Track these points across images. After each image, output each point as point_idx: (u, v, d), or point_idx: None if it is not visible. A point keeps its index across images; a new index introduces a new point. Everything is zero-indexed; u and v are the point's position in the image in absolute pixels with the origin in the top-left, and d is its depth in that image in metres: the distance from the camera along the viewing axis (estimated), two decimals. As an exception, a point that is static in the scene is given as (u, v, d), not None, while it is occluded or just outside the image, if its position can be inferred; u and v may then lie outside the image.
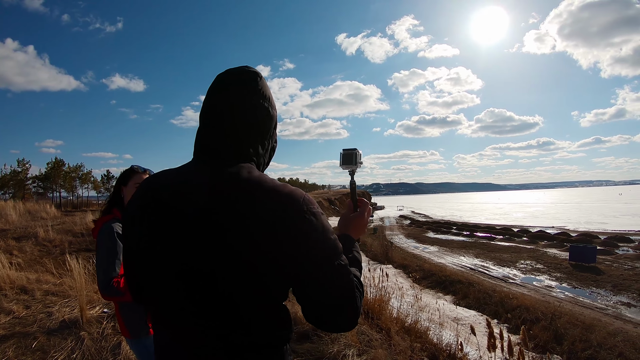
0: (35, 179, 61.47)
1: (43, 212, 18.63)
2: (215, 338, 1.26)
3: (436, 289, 23.14)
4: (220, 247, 1.21)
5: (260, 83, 1.47)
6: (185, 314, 1.26)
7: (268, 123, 1.48)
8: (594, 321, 15.95)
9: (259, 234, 1.20)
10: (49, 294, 6.21)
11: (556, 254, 32.84)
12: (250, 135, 1.43)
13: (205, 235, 1.22)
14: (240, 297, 1.23)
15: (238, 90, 1.43)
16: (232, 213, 1.22)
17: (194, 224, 1.24)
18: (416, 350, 6.87)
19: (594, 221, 66.87)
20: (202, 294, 1.23)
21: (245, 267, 1.21)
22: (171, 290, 1.27)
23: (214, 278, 1.22)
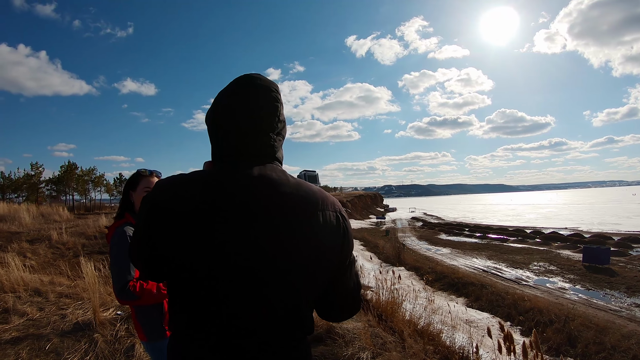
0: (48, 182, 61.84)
1: (56, 215, 18.78)
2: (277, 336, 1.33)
3: (449, 291, 23.06)
4: (286, 247, 1.29)
5: (275, 86, 1.53)
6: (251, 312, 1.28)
7: (285, 130, 1.57)
8: (607, 323, 15.81)
9: (320, 233, 1.35)
10: (62, 296, 6.24)
11: (569, 256, 32.61)
12: (278, 140, 1.52)
13: (269, 237, 1.28)
14: (302, 296, 1.34)
15: (275, 96, 1.51)
16: (292, 216, 1.32)
17: (262, 223, 1.28)
18: (429, 353, 6.83)
19: (608, 222, 66.39)
20: (267, 293, 1.28)
21: (309, 266, 1.33)
22: (238, 289, 1.27)
23: (281, 277, 1.29)
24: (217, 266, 1.25)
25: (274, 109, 1.49)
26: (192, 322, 1.31)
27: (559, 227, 56.99)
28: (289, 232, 1.28)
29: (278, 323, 1.30)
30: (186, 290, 1.31)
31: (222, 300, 1.27)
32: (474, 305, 20.03)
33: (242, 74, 1.51)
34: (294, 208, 1.32)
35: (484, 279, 25.05)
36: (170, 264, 1.31)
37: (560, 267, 28.64)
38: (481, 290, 21.63)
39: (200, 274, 1.27)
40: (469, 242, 46.88)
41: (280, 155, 1.52)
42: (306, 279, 1.33)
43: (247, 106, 1.45)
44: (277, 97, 1.51)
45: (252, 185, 1.32)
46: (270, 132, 1.47)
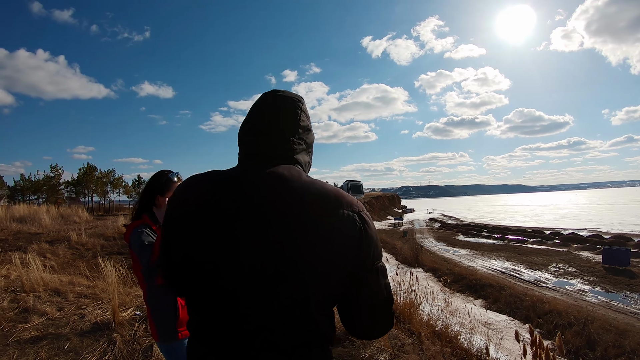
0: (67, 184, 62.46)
1: (75, 217, 18.99)
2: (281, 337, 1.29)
3: (466, 292, 22.92)
4: (292, 244, 1.25)
5: (301, 99, 1.61)
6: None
7: (311, 137, 1.61)
8: (627, 326, 15.60)
9: (328, 234, 1.28)
10: (81, 296, 6.30)
11: (589, 257, 32.25)
12: (298, 144, 1.52)
13: (280, 235, 1.26)
14: (308, 298, 1.27)
15: (286, 101, 1.56)
16: (303, 213, 1.29)
17: (269, 221, 1.28)
18: (447, 355, 6.79)
19: (628, 223, 65.58)
20: (273, 293, 1.25)
21: (316, 265, 1.27)
22: (242, 287, 1.26)
23: (284, 276, 1.25)
24: (223, 264, 1.27)
25: (292, 113, 1.52)
26: (203, 323, 1.34)
27: (578, 228, 56.39)
28: (294, 230, 1.26)
29: (287, 325, 1.28)
30: (194, 290, 1.34)
31: (227, 299, 1.27)
32: (492, 307, 19.87)
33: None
34: (303, 204, 1.29)
35: (502, 280, 24.86)
36: (183, 267, 1.35)
37: (579, 268, 28.34)
38: (499, 292, 21.46)
39: (208, 273, 1.28)
40: (487, 243, 46.54)
41: (303, 160, 1.53)
42: (309, 279, 1.26)
43: (265, 108, 1.52)
44: (297, 104, 1.56)
45: (261, 181, 1.34)
46: (289, 135, 1.49)
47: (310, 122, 1.62)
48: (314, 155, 1.67)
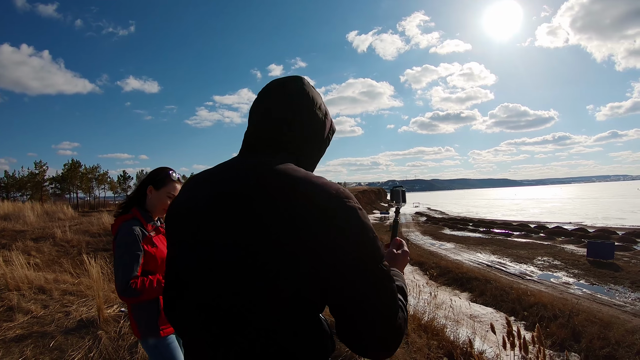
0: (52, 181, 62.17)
1: (60, 213, 18.82)
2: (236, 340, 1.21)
3: (453, 286, 23.04)
4: (246, 232, 1.18)
5: (308, 85, 1.53)
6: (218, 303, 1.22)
7: (314, 126, 1.50)
8: (612, 318, 15.79)
9: (291, 226, 1.14)
10: (66, 293, 6.27)
11: (573, 250, 32.62)
12: (290, 133, 1.45)
13: (240, 221, 1.20)
14: (258, 301, 1.16)
15: (279, 94, 1.48)
16: (268, 201, 1.19)
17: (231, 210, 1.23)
18: (433, 348, 6.85)
19: (612, 216, 66.33)
20: (226, 289, 1.19)
21: (264, 258, 1.15)
22: (208, 280, 1.22)
23: (235, 280, 1.18)
24: (182, 261, 1.31)
25: (282, 99, 1.46)
26: (169, 319, 1.38)
27: (563, 222, 57.03)
28: (247, 220, 1.19)
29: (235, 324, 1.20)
30: (167, 287, 1.38)
31: (184, 294, 1.29)
32: (478, 300, 20.01)
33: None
34: (265, 194, 1.21)
35: (488, 273, 25.09)
36: (167, 264, 1.39)
37: (564, 261, 28.62)
38: (485, 285, 21.61)
39: (178, 270, 1.32)
40: (472, 237, 46.91)
41: (299, 150, 1.46)
42: (257, 277, 1.15)
43: (260, 96, 1.51)
44: (290, 87, 1.49)
45: (235, 174, 1.31)
46: (279, 123, 1.43)
47: (318, 107, 1.52)
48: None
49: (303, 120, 1.46)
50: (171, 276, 1.36)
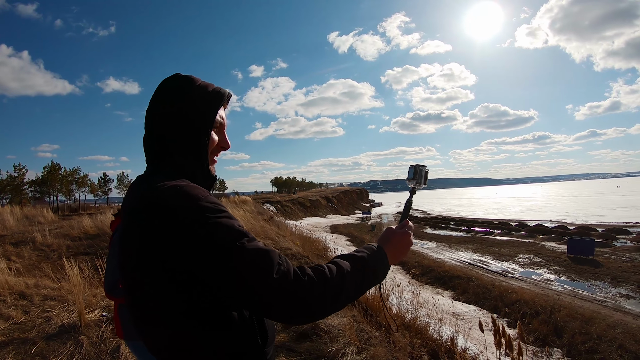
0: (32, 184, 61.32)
1: (40, 217, 18.66)
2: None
3: (435, 284, 23.14)
4: (123, 254, 1.40)
5: (168, 88, 1.51)
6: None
7: (180, 129, 1.47)
8: (593, 314, 16.00)
9: (147, 242, 1.28)
10: (47, 298, 6.21)
11: (554, 248, 32.99)
12: (159, 145, 1.50)
13: (122, 243, 1.40)
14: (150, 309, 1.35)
15: (152, 99, 1.52)
16: (129, 222, 1.36)
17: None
18: (416, 347, 6.87)
19: (592, 214, 67.09)
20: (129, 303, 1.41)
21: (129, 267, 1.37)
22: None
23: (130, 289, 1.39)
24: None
25: (155, 106, 1.50)
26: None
27: (543, 220, 57.59)
28: (123, 236, 1.39)
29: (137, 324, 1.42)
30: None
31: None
32: (461, 298, 20.11)
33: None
34: (127, 212, 1.38)
35: (470, 272, 25.27)
36: None
37: (545, 259, 28.97)
38: (467, 283, 21.75)
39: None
40: (454, 235, 47.25)
41: (179, 162, 1.49)
42: (130, 290, 1.38)
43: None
44: (164, 94, 1.50)
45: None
46: (153, 133, 1.51)
47: (194, 106, 1.48)
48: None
49: (178, 126, 1.48)
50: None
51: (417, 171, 1.94)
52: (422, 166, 1.95)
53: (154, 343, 1.40)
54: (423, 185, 1.96)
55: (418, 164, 1.95)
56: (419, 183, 1.95)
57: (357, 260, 1.46)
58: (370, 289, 1.65)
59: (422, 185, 1.96)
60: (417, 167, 1.95)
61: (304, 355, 4.98)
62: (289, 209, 71.60)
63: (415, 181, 1.95)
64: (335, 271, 1.35)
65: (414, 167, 1.95)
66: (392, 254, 1.62)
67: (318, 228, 46.24)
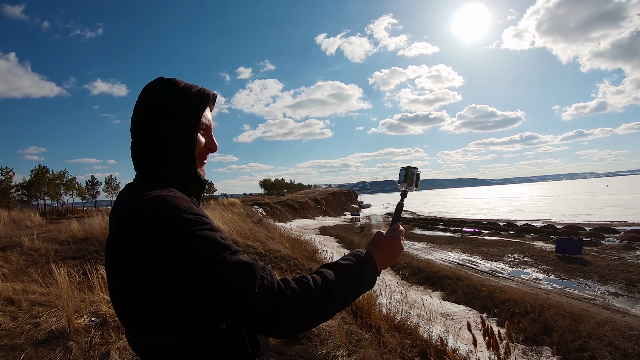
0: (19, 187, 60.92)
1: (28, 221, 18.48)
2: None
3: (425, 285, 23.18)
4: (108, 267, 1.40)
5: (151, 92, 1.49)
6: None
7: (165, 134, 1.45)
8: (582, 312, 16.12)
9: (125, 253, 1.29)
10: (35, 304, 6.16)
11: (543, 247, 33.22)
12: (145, 152, 1.50)
13: (107, 250, 1.40)
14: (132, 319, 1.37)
15: (136, 105, 1.51)
16: (113, 231, 1.37)
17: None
18: (406, 348, 6.90)
19: (579, 213, 67.68)
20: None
21: (113, 273, 1.38)
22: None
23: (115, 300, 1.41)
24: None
25: (139, 112, 1.48)
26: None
27: (532, 219, 58.03)
28: (107, 244, 1.40)
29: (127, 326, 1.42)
30: None
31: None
32: (450, 299, 20.18)
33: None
34: (112, 222, 1.39)
35: (459, 272, 25.37)
36: None
37: (534, 258, 29.15)
38: (457, 283, 21.80)
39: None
40: (443, 236, 47.40)
41: (166, 167, 1.48)
42: (115, 300, 1.40)
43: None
44: (147, 99, 1.48)
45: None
46: (138, 140, 1.50)
47: (179, 109, 1.45)
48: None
49: (149, 135, 1.47)
50: None
51: (408, 173, 1.89)
52: (413, 168, 1.90)
53: (141, 350, 1.40)
54: (415, 188, 1.92)
55: (409, 166, 1.90)
56: (410, 186, 1.90)
57: (344, 268, 1.44)
58: (360, 296, 1.63)
59: (414, 188, 1.91)
60: (408, 169, 1.89)
61: (294, 359, 4.98)
62: (277, 211, 71.53)
63: (406, 184, 1.90)
64: (320, 282, 1.34)
65: (405, 169, 1.89)
66: (381, 260, 1.59)
67: (307, 230, 46.27)
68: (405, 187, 1.90)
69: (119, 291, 1.36)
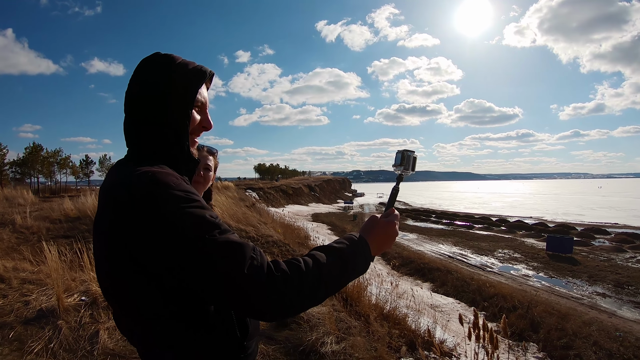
0: (12, 165, 60.63)
1: (20, 199, 18.40)
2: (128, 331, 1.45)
3: (415, 276, 23.23)
4: (95, 245, 1.38)
5: (147, 67, 1.46)
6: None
7: (160, 109, 1.42)
8: (569, 310, 16.21)
9: (113, 230, 1.25)
10: (26, 282, 6.14)
11: (533, 244, 33.41)
12: (137, 128, 1.46)
13: (95, 227, 1.39)
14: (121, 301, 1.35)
15: (131, 80, 1.47)
16: (102, 208, 1.35)
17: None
18: (394, 337, 6.94)
19: (571, 213, 68.00)
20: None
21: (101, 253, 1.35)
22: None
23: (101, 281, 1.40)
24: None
25: (134, 86, 1.45)
26: None
27: (524, 216, 58.45)
28: (95, 221, 1.38)
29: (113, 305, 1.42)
30: None
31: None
32: (440, 291, 20.24)
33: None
34: (101, 199, 1.36)
35: (449, 264, 25.49)
36: None
37: (524, 254, 29.33)
38: (447, 275, 21.86)
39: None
40: (435, 228, 47.66)
41: (159, 143, 1.44)
42: (101, 277, 1.38)
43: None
44: (143, 73, 1.46)
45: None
46: (131, 115, 1.46)
47: (175, 84, 1.42)
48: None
49: (143, 110, 1.43)
50: None
51: (404, 156, 1.82)
52: (410, 151, 1.82)
53: (127, 331, 1.41)
54: (411, 172, 1.86)
55: (406, 149, 1.82)
56: (407, 169, 1.84)
57: (336, 252, 1.40)
58: (352, 281, 1.60)
59: (410, 172, 1.86)
60: (404, 152, 1.82)
61: (283, 344, 5.00)
62: (271, 196, 71.49)
63: (402, 167, 1.83)
64: (312, 264, 1.30)
65: (402, 152, 1.82)
66: (375, 245, 1.56)
67: (300, 216, 46.26)
68: (401, 170, 1.85)
69: (105, 271, 1.34)
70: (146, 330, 1.32)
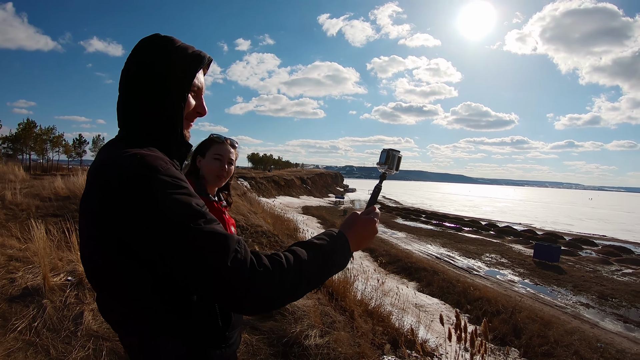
0: (5, 140, 60.31)
1: (11, 175, 18.27)
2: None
3: (401, 274, 23.31)
4: (81, 225, 1.38)
5: (146, 48, 1.44)
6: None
7: (156, 91, 1.40)
8: (552, 318, 16.35)
9: (98, 209, 1.26)
10: (12, 259, 6.11)
11: (521, 250, 33.51)
12: (132, 108, 1.44)
13: (81, 206, 1.39)
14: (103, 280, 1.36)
15: (128, 59, 1.46)
16: (89, 187, 1.34)
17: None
18: (378, 334, 6.97)
19: (561, 222, 68.20)
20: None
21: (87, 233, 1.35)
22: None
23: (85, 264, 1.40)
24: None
25: (131, 66, 1.43)
26: None
27: (513, 222, 58.65)
28: (82, 200, 1.37)
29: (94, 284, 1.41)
30: None
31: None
32: (425, 290, 20.34)
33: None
34: (90, 177, 1.36)
35: (436, 265, 25.65)
36: None
37: (511, 260, 29.46)
38: (433, 276, 21.98)
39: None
40: (424, 228, 47.70)
41: (152, 125, 1.43)
42: (87, 247, 1.36)
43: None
44: (141, 54, 1.44)
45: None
46: (125, 94, 1.45)
47: (173, 67, 1.41)
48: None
49: (139, 90, 1.42)
50: None
51: (389, 155, 1.85)
52: (395, 151, 1.85)
53: (109, 315, 1.41)
54: (394, 172, 1.89)
55: (391, 148, 1.84)
56: (390, 169, 1.87)
57: (316, 247, 1.41)
58: (332, 276, 1.61)
59: (394, 172, 1.89)
60: (390, 151, 1.85)
61: (267, 334, 5.02)
62: (263, 186, 71.35)
63: (386, 166, 1.86)
64: (293, 261, 1.30)
65: (387, 151, 1.85)
66: (354, 241, 1.55)
67: (290, 208, 46.28)
68: (385, 169, 1.87)
69: (90, 252, 1.34)
70: (125, 314, 1.33)
